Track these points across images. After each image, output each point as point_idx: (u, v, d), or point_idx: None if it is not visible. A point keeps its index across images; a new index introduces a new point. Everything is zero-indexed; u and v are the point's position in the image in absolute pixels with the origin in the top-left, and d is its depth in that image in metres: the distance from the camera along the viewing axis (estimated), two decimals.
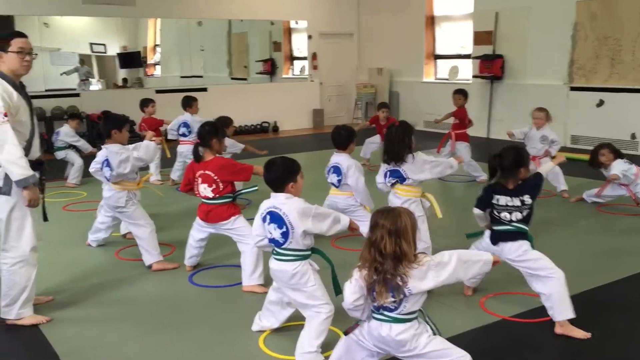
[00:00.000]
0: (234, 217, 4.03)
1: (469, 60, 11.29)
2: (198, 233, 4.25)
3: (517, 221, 3.37)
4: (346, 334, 2.60)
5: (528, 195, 3.36)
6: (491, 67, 10.59)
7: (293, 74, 13.68)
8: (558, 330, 3.27)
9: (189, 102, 7.27)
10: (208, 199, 4.06)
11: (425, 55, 12.23)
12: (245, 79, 13.16)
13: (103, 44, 12.18)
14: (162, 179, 7.43)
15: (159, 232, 4.55)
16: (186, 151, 7.04)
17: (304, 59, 13.27)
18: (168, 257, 4.56)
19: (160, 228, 4.70)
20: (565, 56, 9.71)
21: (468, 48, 11.41)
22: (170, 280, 4.23)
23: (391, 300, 2.39)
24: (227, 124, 6.10)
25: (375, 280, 2.38)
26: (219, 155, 4.15)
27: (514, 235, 3.39)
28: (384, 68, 12.88)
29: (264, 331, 3.33)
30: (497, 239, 3.43)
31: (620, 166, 5.66)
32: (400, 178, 4.15)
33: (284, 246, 2.98)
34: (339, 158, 4.69)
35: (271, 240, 3.02)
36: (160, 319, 3.56)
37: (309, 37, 12.98)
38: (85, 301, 3.91)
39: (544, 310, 3.35)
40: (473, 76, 11.06)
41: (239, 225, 4.02)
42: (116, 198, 4.39)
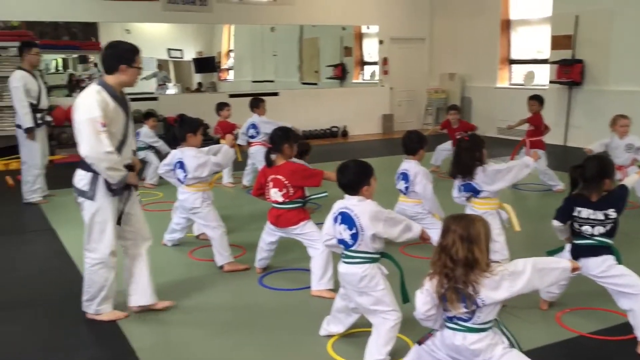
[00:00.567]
0: (303, 222, 4.06)
1: (546, 66, 10.92)
2: (269, 236, 4.30)
3: (600, 235, 3.22)
4: (419, 343, 2.56)
5: (613, 209, 3.20)
6: (570, 73, 10.20)
7: (363, 79, 13.67)
8: None
9: (256, 103, 7.38)
10: (278, 203, 4.10)
11: (499, 60, 11.93)
12: (316, 84, 13.26)
13: (180, 50, 12.59)
14: (234, 181, 7.58)
15: (230, 234, 4.64)
16: (255, 152, 7.16)
17: (375, 64, 13.24)
18: (239, 259, 4.65)
19: (231, 230, 4.79)
20: None
21: (545, 53, 11.04)
22: (241, 282, 4.30)
23: (464, 310, 2.34)
24: (307, 149, 5.79)
25: (446, 289, 2.33)
26: (290, 160, 4.19)
27: (597, 250, 3.24)
28: (456, 73, 12.67)
29: (331, 336, 3.33)
30: (579, 253, 3.29)
31: None
32: (474, 191, 4.03)
33: (353, 248, 2.97)
34: (407, 165, 4.65)
35: (341, 241, 3.02)
36: (231, 320, 3.63)
37: (380, 42, 12.94)
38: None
39: (626, 328, 3.19)
40: (550, 82, 10.69)
41: (309, 230, 4.05)
42: (192, 200, 4.51)
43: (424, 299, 2.40)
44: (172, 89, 12.42)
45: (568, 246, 3.39)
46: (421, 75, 13.45)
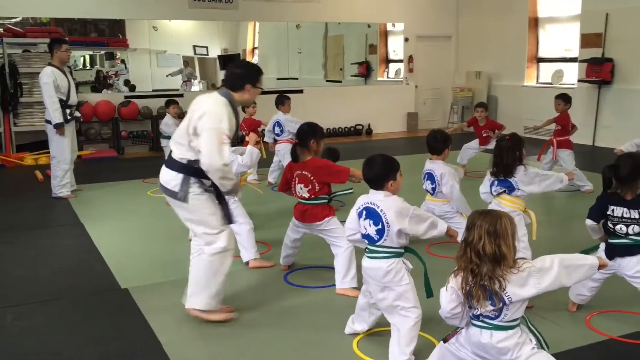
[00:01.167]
0: (328, 218, 4.04)
1: (575, 64, 10.75)
2: (293, 233, 4.30)
3: (635, 234, 3.17)
4: (445, 341, 2.53)
5: None
6: (599, 71, 10.03)
7: (388, 77, 13.61)
8: None
9: (281, 100, 7.37)
10: (304, 199, 4.10)
11: (527, 59, 11.77)
12: (340, 82, 13.24)
13: (205, 47, 12.69)
14: (259, 178, 7.61)
15: (256, 231, 4.65)
16: (281, 149, 7.16)
17: (400, 61, 13.17)
18: (264, 255, 4.67)
19: (257, 226, 4.81)
20: None
21: (574, 51, 10.87)
22: (266, 278, 4.32)
23: (490, 308, 2.31)
24: (337, 157, 5.42)
25: (471, 286, 2.31)
26: (316, 156, 4.18)
27: (632, 249, 3.19)
28: (483, 71, 12.54)
29: (357, 334, 3.33)
30: (614, 253, 3.24)
31: None
32: (510, 188, 3.97)
33: (378, 243, 2.96)
34: (433, 165, 4.61)
35: (365, 236, 3.01)
36: (256, 317, 3.64)
37: (406, 40, 12.86)
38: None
39: None
40: (579, 80, 10.52)
41: (333, 227, 4.04)
42: None
43: (449, 297, 2.38)
44: (198, 86, 12.51)
45: (602, 245, 3.33)
46: (447, 74, 13.34)
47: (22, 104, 9.46)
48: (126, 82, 11.53)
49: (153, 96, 10.70)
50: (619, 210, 3.19)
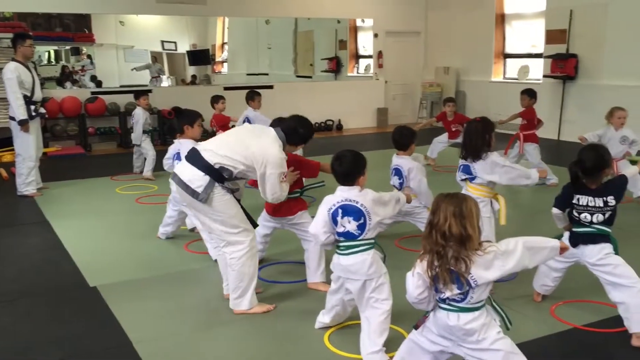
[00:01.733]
0: (301, 212, 4.05)
1: (540, 60, 10.95)
2: (262, 229, 4.29)
3: (599, 223, 3.26)
4: (416, 327, 2.56)
5: (612, 197, 3.24)
6: (564, 67, 10.23)
7: (358, 73, 13.66)
8: (635, 342, 3.13)
9: (251, 96, 7.32)
10: None
11: (494, 54, 11.95)
12: (310, 77, 13.25)
13: (174, 42, 12.56)
14: None
15: None
16: None
17: (370, 57, 13.23)
18: None
19: None
20: None
21: (539, 47, 11.07)
22: None
23: (457, 292, 2.34)
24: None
25: (437, 269, 2.32)
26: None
27: (595, 238, 3.27)
28: (451, 67, 12.68)
29: (327, 328, 3.35)
30: (577, 241, 3.33)
31: None
32: (470, 175, 4.03)
33: (360, 238, 2.99)
34: (400, 160, 4.65)
35: (342, 234, 3.02)
36: (228, 313, 3.63)
37: (375, 36, 12.92)
38: (156, 291, 4.04)
39: (620, 321, 3.22)
40: (544, 76, 10.72)
41: (304, 221, 4.03)
42: None
43: (416, 282, 2.39)
44: (166, 82, 12.38)
45: (566, 234, 3.41)
46: (416, 69, 13.46)
47: None
48: (92, 78, 11.35)
49: (120, 92, 10.55)
50: (584, 199, 3.27)
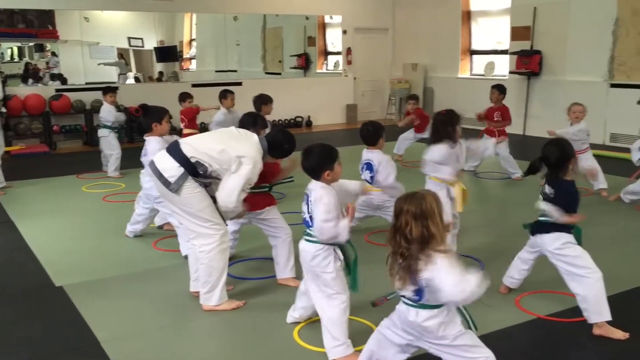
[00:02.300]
0: (268, 207, 4.03)
1: (506, 56, 11.13)
2: (231, 225, 4.28)
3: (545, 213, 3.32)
4: (374, 305, 2.59)
5: (554, 193, 3.32)
6: (528, 63, 10.43)
7: (327, 69, 13.68)
8: (596, 331, 3.22)
9: (224, 94, 7.27)
10: None
11: (461, 51, 12.10)
12: (280, 74, 13.22)
13: (141, 39, 12.39)
14: None
15: None
16: None
17: (338, 54, 13.26)
18: None
19: None
20: (606, 52, 9.50)
21: (505, 44, 11.25)
22: None
23: (412, 289, 2.35)
24: (267, 101, 6.37)
25: (400, 267, 2.34)
26: None
27: (549, 227, 3.35)
28: (419, 63, 12.79)
29: (298, 323, 3.37)
30: (534, 229, 3.42)
31: None
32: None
33: (311, 229, 3.03)
34: (371, 154, 4.68)
35: (305, 220, 3.08)
36: (196, 309, 3.62)
37: (344, 32, 12.96)
38: (124, 289, 4.01)
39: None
40: (509, 72, 10.91)
41: (272, 217, 4.03)
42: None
43: None
44: (133, 79, 12.21)
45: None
46: (384, 66, 13.54)
47: None
48: (55, 76, 11.10)
49: (86, 89, 10.38)
50: (547, 188, 3.37)
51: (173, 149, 3.51)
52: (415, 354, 2.64)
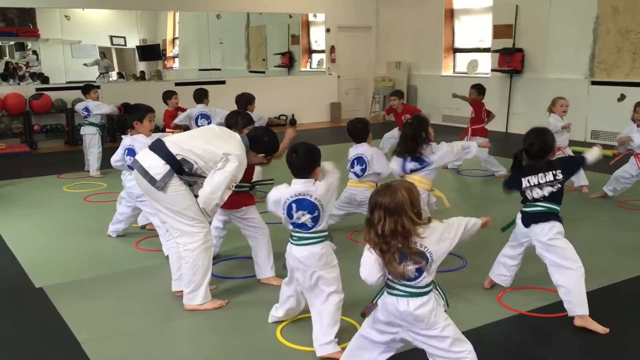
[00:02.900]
0: (246, 207, 4.00)
1: (488, 54, 11.20)
2: (214, 222, 4.26)
3: (548, 199, 3.35)
4: (363, 315, 2.59)
5: (560, 171, 3.35)
6: (511, 61, 10.50)
7: (311, 68, 13.67)
8: (578, 322, 3.26)
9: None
10: None
11: (444, 49, 12.14)
12: (263, 72, 13.18)
13: (123, 37, 12.29)
14: None
15: None
16: None
17: (322, 52, 13.25)
18: None
19: None
20: (587, 50, 9.59)
21: (487, 41, 11.31)
22: None
23: (413, 268, 2.34)
24: (251, 101, 6.44)
25: (386, 258, 2.33)
26: None
27: (546, 216, 3.36)
28: (402, 62, 12.82)
29: (280, 322, 3.36)
30: (528, 220, 3.43)
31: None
32: (422, 166, 4.21)
33: (313, 230, 3.01)
34: (361, 148, 4.69)
35: (298, 225, 3.03)
36: (179, 309, 3.60)
37: (327, 31, 12.95)
38: (105, 290, 3.97)
39: (563, 306, 3.33)
40: (492, 70, 10.97)
41: (251, 216, 4.00)
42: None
43: (374, 266, 2.36)
44: (115, 77, 12.11)
45: (519, 216, 3.50)
46: (368, 64, 13.55)
47: None
48: (33, 76, 10.96)
49: (67, 88, 10.27)
50: (534, 179, 3.37)
51: (157, 147, 3.49)
52: (401, 350, 2.64)
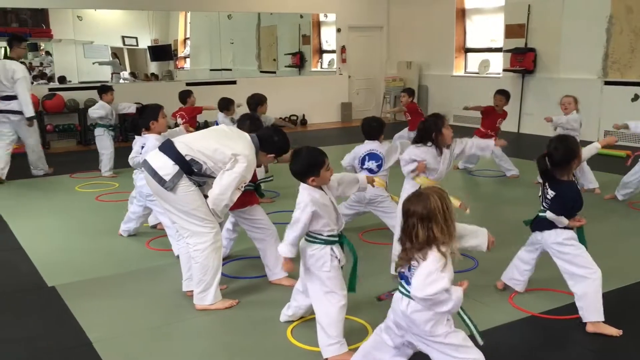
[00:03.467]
0: (250, 206, 4.00)
1: (500, 54, 11.14)
2: (225, 224, 4.27)
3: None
4: (379, 299, 2.60)
5: (555, 195, 3.31)
6: (523, 61, 10.43)
7: (322, 68, 13.66)
8: (590, 328, 3.22)
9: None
10: None
11: (455, 49, 12.10)
12: (274, 72, 13.19)
13: (135, 37, 12.33)
14: None
15: None
16: None
17: (333, 52, 13.24)
18: None
19: None
20: (600, 50, 9.52)
21: (499, 41, 11.25)
22: None
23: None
24: (263, 102, 6.43)
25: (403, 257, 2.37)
26: None
27: (552, 223, 3.33)
28: (413, 61, 12.79)
29: (291, 322, 3.36)
30: (538, 225, 3.40)
31: None
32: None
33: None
34: (374, 145, 4.64)
35: None
36: (189, 309, 3.61)
37: (338, 31, 12.94)
38: (117, 289, 3.99)
39: (575, 307, 3.30)
40: (503, 70, 10.92)
41: (257, 217, 4.00)
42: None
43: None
44: (128, 75, 12.17)
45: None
46: (379, 64, 13.53)
47: None
48: (44, 76, 11.03)
49: (80, 88, 10.34)
50: (547, 190, 3.36)
51: (167, 147, 3.50)
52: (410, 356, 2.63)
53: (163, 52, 12.55)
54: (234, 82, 11.52)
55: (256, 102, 6.48)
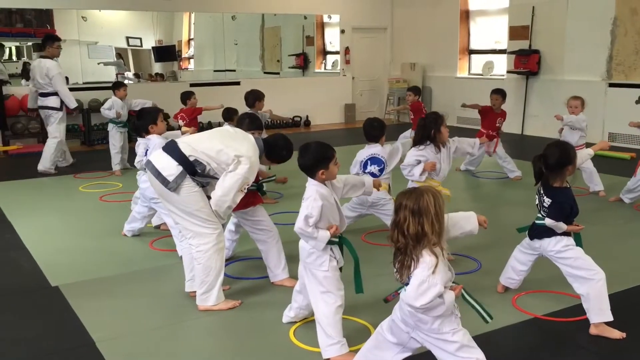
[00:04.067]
0: (253, 207, 3.99)
1: (504, 56, 11.13)
2: (227, 225, 4.28)
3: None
4: (386, 300, 2.60)
5: (550, 203, 3.31)
6: (527, 63, 10.42)
7: (325, 69, 13.66)
8: (593, 331, 3.21)
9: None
10: None
11: (459, 50, 12.09)
12: (278, 73, 13.20)
13: (139, 38, 12.36)
14: None
15: None
16: None
17: (337, 53, 13.25)
18: None
19: None
20: (604, 52, 9.50)
21: (503, 43, 11.24)
22: None
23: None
24: (261, 97, 6.43)
25: (398, 261, 2.37)
26: None
27: (550, 231, 3.34)
28: (417, 63, 12.78)
29: (294, 323, 3.36)
30: (535, 233, 3.40)
31: None
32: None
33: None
34: (375, 149, 4.66)
35: None
36: (192, 309, 3.61)
37: (342, 32, 12.95)
38: (120, 289, 4.00)
39: (579, 309, 3.30)
40: (507, 71, 10.91)
41: (259, 218, 3.99)
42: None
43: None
44: (131, 78, 12.19)
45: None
46: (383, 65, 13.53)
47: None
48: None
49: (84, 89, 10.36)
50: (544, 197, 3.35)
51: (170, 148, 3.51)
52: (415, 352, 2.63)
53: (167, 53, 12.58)
54: (237, 83, 11.53)
55: (254, 98, 6.47)
